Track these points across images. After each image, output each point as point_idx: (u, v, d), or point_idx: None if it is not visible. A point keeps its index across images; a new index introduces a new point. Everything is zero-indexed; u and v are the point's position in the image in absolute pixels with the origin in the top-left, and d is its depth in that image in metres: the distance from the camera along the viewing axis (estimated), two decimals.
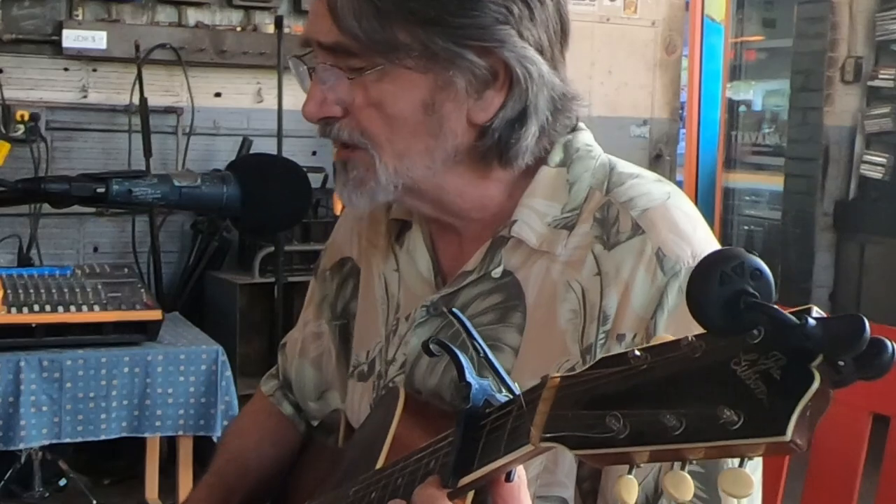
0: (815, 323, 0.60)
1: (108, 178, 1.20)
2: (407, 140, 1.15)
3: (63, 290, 3.44)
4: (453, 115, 1.15)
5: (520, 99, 1.14)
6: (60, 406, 3.31)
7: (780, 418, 0.59)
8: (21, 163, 4.07)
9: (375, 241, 1.37)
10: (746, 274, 0.63)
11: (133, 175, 1.21)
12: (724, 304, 0.63)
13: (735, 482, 0.63)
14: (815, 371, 0.59)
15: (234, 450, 1.50)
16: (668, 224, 1.14)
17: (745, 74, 8.14)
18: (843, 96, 5.88)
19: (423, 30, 1.10)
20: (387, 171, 1.15)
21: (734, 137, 8.00)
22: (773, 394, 0.60)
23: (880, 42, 5.83)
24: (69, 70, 4.26)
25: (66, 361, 3.32)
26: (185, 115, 4.40)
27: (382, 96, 1.13)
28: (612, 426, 0.67)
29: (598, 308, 1.12)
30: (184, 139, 4.41)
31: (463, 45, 1.11)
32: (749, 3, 8.12)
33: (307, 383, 1.51)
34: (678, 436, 0.64)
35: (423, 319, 1.25)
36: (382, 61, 1.12)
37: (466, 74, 1.12)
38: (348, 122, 1.16)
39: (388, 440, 1.07)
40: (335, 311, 1.45)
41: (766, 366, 0.61)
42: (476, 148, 1.17)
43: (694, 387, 0.64)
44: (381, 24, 1.10)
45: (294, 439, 1.52)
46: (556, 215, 1.19)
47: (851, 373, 0.59)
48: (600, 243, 1.15)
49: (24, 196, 1.24)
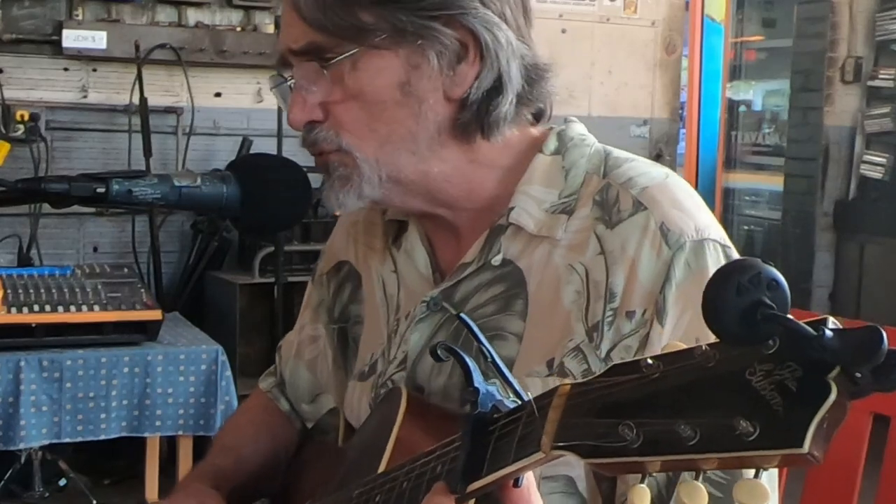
0: (831, 335, 0.59)
1: (107, 178, 1.20)
2: (389, 125, 1.16)
3: (63, 290, 3.45)
4: (430, 93, 1.16)
5: (492, 68, 1.15)
6: (60, 406, 3.32)
7: (797, 430, 0.59)
8: (21, 163, 4.08)
9: (372, 244, 1.37)
10: (763, 285, 0.63)
11: (133, 175, 1.22)
12: (741, 315, 0.62)
13: (751, 493, 0.63)
14: (832, 382, 0.59)
15: (229, 442, 1.50)
16: (670, 199, 1.14)
17: (744, 74, 8.16)
18: (843, 96, 5.89)
19: (386, 8, 1.12)
20: (368, 162, 1.16)
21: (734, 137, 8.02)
22: (789, 405, 0.60)
23: (880, 42, 5.83)
24: (69, 70, 4.26)
25: (66, 361, 3.32)
26: (185, 115, 4.40)
27: (359, 84, 1.15)
28: (625, 435, 0.67)
29: (605, 286, 1.13)
30: (184, 139, 4.41)
31: (427, 17, 1.12)
32: (749, 3, 8.13)
33: (301, 385, 1.52)
34: (692, 446, 0.63)
35: (424, 315, 1.25)
36: (353, 46, 1.13)
37: (436, 46, 1.13)
38: (329, 123, 1.17)
39: (391, 442, 1.07)
40: (332, 315, 1.46)
41: (781, 377, 0.61)
42: (456, 122, 1.17)
43: (708, 396, 0.64)
44: (345, 11, 1.12)
45: (291, 435, 1.52)
46: (554, 201, 1.19)
47: (868, 384, 0.59)
48: (602, 223, 1.15)
49: (24, 196, 1.24)
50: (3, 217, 4.15)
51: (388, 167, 1.17)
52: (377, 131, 1.16)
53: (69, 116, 4.25)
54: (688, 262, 1.11)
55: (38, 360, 3.29)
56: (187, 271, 4.44)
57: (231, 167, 1.28)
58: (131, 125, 4.24)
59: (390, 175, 1.17)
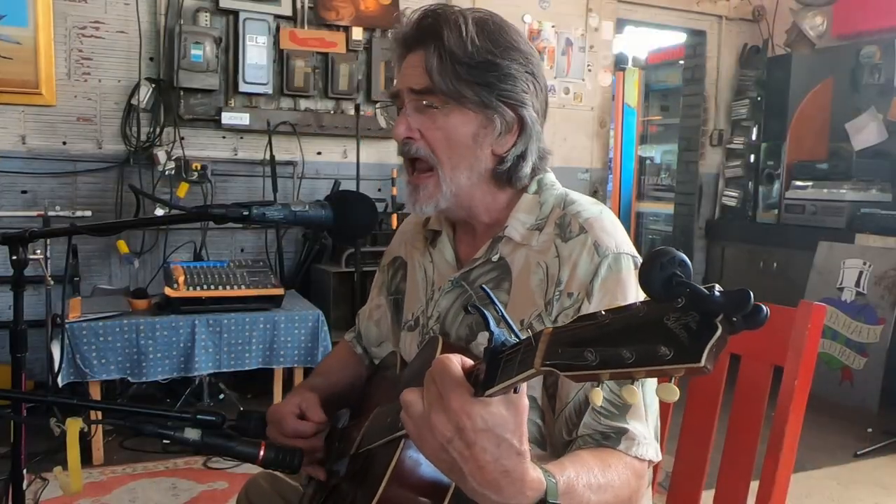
0: (718, 294, 0.61)
1: (250, 205, 1.20)
2: (458, 157, 1.17)
3: (222, 276, 3.46)
4: (487, 145, 1.17)
5: (523, 143, 1.18)
6: (220, 348, 3.34)
7: (697, 352, 0.61)
8: (195, 196, 4.09)
9: (417, 245, 1.38)
10: (676, 263, 0.64)
11: (266, 203, 1.21)
12: (663, 282, 0.64)
13: (666, 391, 0.66)
14: (718, 324, 0.61)
15: (322, 370, 1.51)
16: (600, 227, 1.15)
17: (649, 140, 8.15)
18: (711, 154, 5.86)
19: (481, 89, 1.14)
20: (446, 180, 1.17)
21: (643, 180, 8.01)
22: (692, 338, 0.61)
23: (734, 120, 5.81)
24: (226, 137, 4.26)
25: (224, 321, 3.34)
26: (298, 166, 4.39)
27: (448, 125, 1.15)
28: (587, 357, 0.68)
29: (557, 277, 1.14)
30: (297, 181, 4.40)
31: (502, 101, 1.15)
32: (652, 95, 8.11)
33: (371, 336, 1.51)
34: (630, 363, 0.64)
35: (449, 289, 1.26)
36: (452, 103, 1.14)
37: (500, 119, 1.15)
38: (422, 142, 1.17)
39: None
40: (390, 290, 1.45)
41: (686, 321, 0.62)
42: (494, 170, 1.19)
43: (641, 333, 0.64)
44: (455, 83, 1.13)
45: (362, 369, 1.52)
46: (532, 222, 1.20)
47: (741, 325, 0.61)
48: (559, 238, 1.16)
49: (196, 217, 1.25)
50: (184, 230, 4.17)
51: (454, 185, 1.18)
52: (451, 158, 1.17)
53: (225, 167, 4.25)
54: (609, 266, 1.12)
55: (206, 320, 3.31)
56: (300, 264, 4.44)
57: (327, 199, 1.27)
58: (265, 172, 4.25)
59: (454, 192, 1.18)
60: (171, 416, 1.23)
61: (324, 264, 4.33)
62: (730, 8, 5.76)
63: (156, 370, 3.22)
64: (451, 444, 0.81)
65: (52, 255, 3.32)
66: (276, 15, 4.21)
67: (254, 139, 4.29)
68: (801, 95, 5.24)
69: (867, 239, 4.47)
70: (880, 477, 3.43)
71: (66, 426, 1.26)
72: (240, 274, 3.50)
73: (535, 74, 1.18)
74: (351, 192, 1.28)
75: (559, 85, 5.15)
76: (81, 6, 3.92)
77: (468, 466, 0.81)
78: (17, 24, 3.76)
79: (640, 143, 8.03)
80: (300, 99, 4.36)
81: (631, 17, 5.51)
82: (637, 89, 7.96)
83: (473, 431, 0.80)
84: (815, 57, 5.37)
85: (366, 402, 1.35)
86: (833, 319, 4.32)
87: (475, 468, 0.81)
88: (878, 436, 3.82)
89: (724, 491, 1.37)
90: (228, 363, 3.36)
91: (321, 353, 3.46)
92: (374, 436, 1.13)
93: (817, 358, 1.31)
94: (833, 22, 5.36)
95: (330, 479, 1.27)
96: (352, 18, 4.40)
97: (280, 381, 3.57)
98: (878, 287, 4.22)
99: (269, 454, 1.21)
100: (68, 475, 1.29)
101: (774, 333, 1.30)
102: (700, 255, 5.82)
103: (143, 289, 3.58)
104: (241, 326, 3.35)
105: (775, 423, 1.29)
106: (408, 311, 1.36)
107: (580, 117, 5.25)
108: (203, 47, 3.97)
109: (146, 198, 3.95)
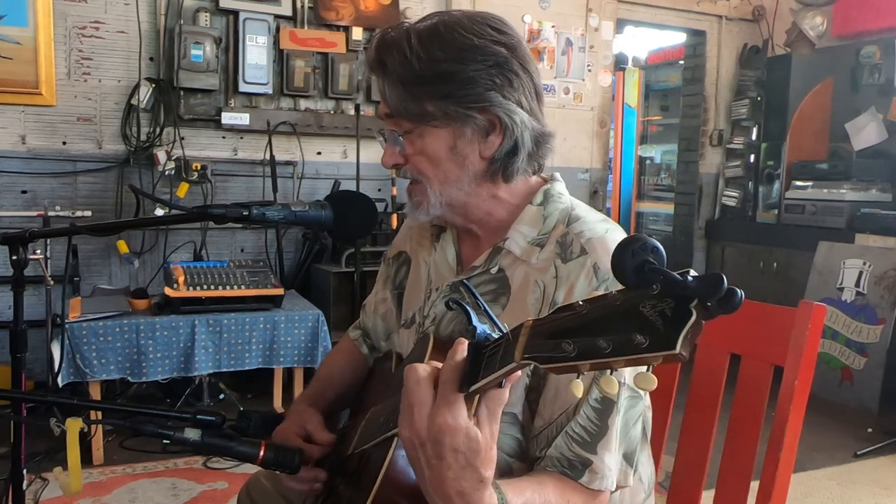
0: (692, 279, 0.60)
1: (250, 205, 1.20)
2: (444, 173, 1.16)
3: (222, 275, 3.46)
4: (470, 153, 1.15)
5: (511, 138, 1.14)
6: (220, 348, 3.33)
7: (672, 339, 0.60)
8: (195, 196, 4.09)
9: (422, 241, 1.37)
10: (648, 250, 0.64)
11: (265, 204, 1.21)
12: (635, 269, 0.63)
13: (645, 380, 0.65)
14: (693, 309, 0.60)
15: (324, 374, 1.49)
16: (603, 248, 1.12)
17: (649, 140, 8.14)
18: (711, 154, 5.86)
19: (441, 101, 1.12)
20: (434, 193, 1.17)
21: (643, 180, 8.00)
22: (666, 325, 0.61)
23: (734, 120, 5.81)
24: (226, 137, 4.26)
25: (224, 320, 3.34)
26: (298, 166, 4.39)
27: (424, 146, 1.15)
28: (566, 349, 0.67)
29: (552, 299, 1.12)
30: (297, 181, 4.40)
31: (467, 108, 1.12)
32: (652, 95, 8.11)
33: (378, 330, 1.50)
34: (608, 353, 0.64)
35: (447, 294, 1.25)
36: (420, 124, 1.14)
37: (472, 125, 1.13)
38: (409, 166, 1.18)
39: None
40: (394, 284, 1.44)
41: (661, 307, 0.61)
42: (487, 171, 1.17)
43: (617, 322, 0.64)
44: (414, 104, 1.12)
45: (365, 371, 1.51)
46: (534, 237, 1.18)
47: (716, 310, 0.60)
48: (560, 258, 1.14)
49: (197, 217, 1.25)
50: (184, 230, 4.17)
51: (445, 197, 1.18)
52: (438, 175, 1.17)
53: (225, 167, 4.25)
54: (608, 290, 1.11)
55: (206, 320, 3.31)
56: (299, 264, 4.44)
57: (327, 199, 1.27)
58: (265, 172, 4.24)
59: (446, 202, 1.18)
60: (171, 416, 1.23)
61: (324, 264, 4.32)
62: (730, 8, 5.76)
63: (156, 370, 3.22)
64: (424, 447, 0.83)
65: (52, 255, 3.32)
66: (276, 15, 4.21)
67: (254, 139, 4.29)
68: (801, 95, 5.24)
69: (867, 239, 4.47)
70: (880, 477, 3.43)
71: (66, 426, 1.26)
72: (240, 274, 3.50)
73: (502, 65, 1.12)
74: (351, 192, 1.28)
75: (559, 85, 5.15)
76: (81, 6, 3.92)
77: (430, 473, 0.84)
78: (17, 24, 3.76)
79: (640, 143, 8.03)
80: (300, 99, 4.35)
81: (631, 17, 5.51)
82: (637, 89, 7.96)
83: (450, 449, 0.81)
84: (815, 57, 5.37)
85: (363, 401, 1.35)
86: (833, 319, 4.32)
87: (435, 477, 0.83)
88: (878, 436, 3.82)
89: (724, 491, 1.37)
90: (228, 363, 3.35)
91: (321, 353, 3.45)
92: (369, 435, 1.14)
93: (817, 358, 1.31)
94: (833, 22, 5.36)
95: (329, 479, 1.27)
96: (352, 18, 4.40)
97: (280, 381, 3.57)
98: (878, 287, 4.22)
99: (269, 454, 1.22)
100: (68, 475, 1.29)
101: (774, 333, 1.30)
102: (700, 255, 5.82)
103: (143, 289, 3.58)
104: (240, 326, 3.35)
105: (775, 423, 1.29)
106: (407, 308, 1.36)
107: (580, 117, 5.25)
108: (203, 47, 3.97)
109: (146, 198, 3.94)
